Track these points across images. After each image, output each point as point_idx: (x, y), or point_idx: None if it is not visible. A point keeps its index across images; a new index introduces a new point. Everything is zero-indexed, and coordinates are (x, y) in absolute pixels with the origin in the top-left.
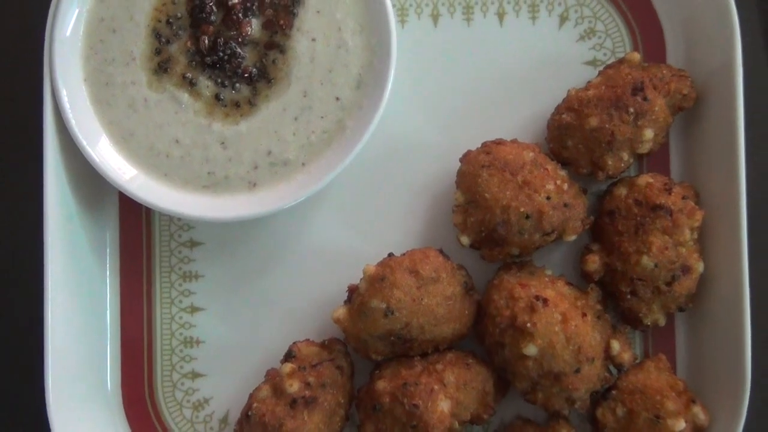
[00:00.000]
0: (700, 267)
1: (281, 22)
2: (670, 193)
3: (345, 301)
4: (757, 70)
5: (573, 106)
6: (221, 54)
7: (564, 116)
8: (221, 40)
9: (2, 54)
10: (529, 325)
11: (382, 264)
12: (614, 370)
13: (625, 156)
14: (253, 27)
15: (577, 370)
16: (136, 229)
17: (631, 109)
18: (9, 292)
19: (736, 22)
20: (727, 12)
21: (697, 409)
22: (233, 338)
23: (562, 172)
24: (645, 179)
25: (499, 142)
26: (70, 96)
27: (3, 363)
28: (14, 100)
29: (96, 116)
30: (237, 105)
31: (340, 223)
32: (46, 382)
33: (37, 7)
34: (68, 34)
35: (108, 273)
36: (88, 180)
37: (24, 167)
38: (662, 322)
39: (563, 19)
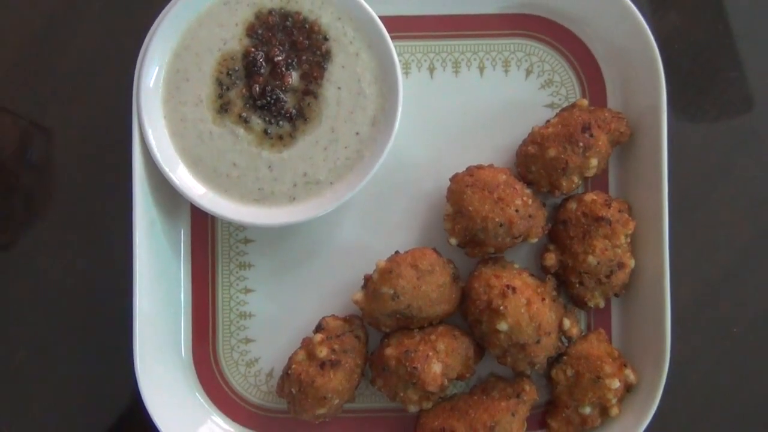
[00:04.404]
0: (631, 263)
1: (314, 74)
2: (609, 208)
3: (362, 287)
4: (678, 109)
5: (536, 140)
6: (269, 99)
7: (529, 148)
8: (269, 88)
9: (101, 101)
10: (501, 307)
11: (390, 259)
12: (565, 341)
13: (576, 179)
14: (293, 78)
15: (538, 341)
16: (203, 230)
17: (581, 144)
18: (106, 280)
19: (661, 74)
20: (654, 67)
21: (629, 371)
22: (277, 313)
23: (528, 191)
24: (590, 196)
25: (479, 167)
26: (153, 131)
27: (100, 334)
28: (111, 135)
29: (173, 145)
30: (281, 138)
31: (359, 227)
32: (134, 349)
33: (127, 64)
34: (151, 84)
35: (182, 263)
36: (167, 194)
37: (118, 185)
38: (602, 304)
39: (528, 72)
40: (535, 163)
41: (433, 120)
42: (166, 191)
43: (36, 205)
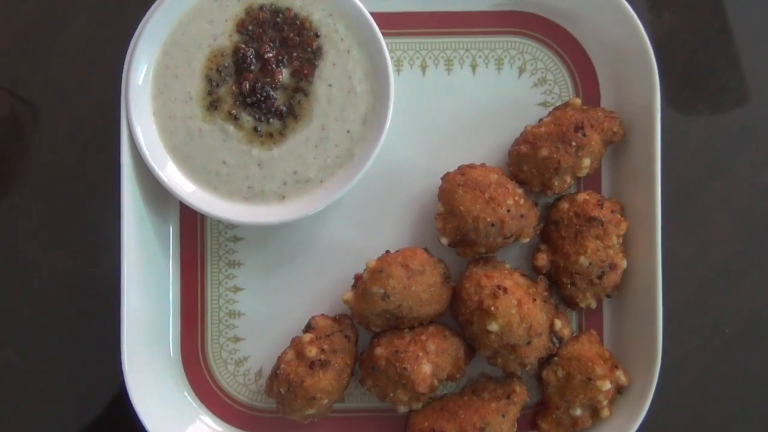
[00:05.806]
0: (623, 264)
1: (305, 71)
2: (601, 208)
3: (352, 287)
4: (672, 109)
5: (528, 139)
6: (259, 96)
7: (521, 147)
8: (259, 85)
9: (89, 98)
10: (492, 307)
11: (380, 259)
12: (556, 342)
13: (568, 179)
14: (284, 75)
15: (528, 342)
16: (192, 228)
17: (574, 143)
18: (94, 277)
19: (655, 73)
20: (648, 66)
21: (620, 373)
22: (266, 312)
23: (519, 190)
24: (582, 196)
25: (471, 166)
26: (142, 128)
27: (87, 332)
28: (99, 133)
29: (162, 143)
30: (270, 135)
31: (349, 226)
32: (122, 347)
33: (116, 61)
34: (140, 81)
35: (171, 261)
36: (155, 191)
37: (108, 182)
38: (593, 305)
39: (521, 70)
40: (528, 162)
41: (425, 118)
42: (154, 189)
43: (24, 201)
